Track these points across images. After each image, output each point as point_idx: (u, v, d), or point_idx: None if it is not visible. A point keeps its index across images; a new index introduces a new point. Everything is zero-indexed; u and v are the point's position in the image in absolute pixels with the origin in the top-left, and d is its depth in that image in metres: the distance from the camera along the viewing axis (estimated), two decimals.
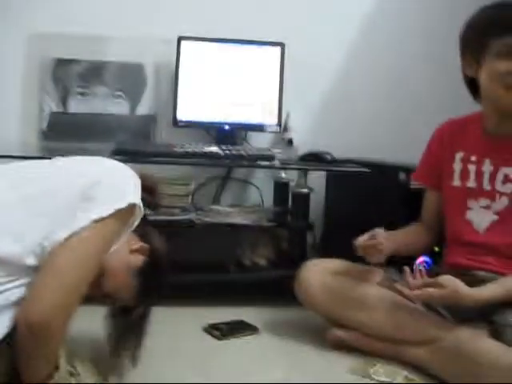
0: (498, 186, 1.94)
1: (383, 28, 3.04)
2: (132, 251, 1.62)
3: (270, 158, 2.47)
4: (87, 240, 1.34)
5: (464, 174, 2.02)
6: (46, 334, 1.27)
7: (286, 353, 2.01)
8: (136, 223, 1.51)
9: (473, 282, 1.83)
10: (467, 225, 1.99)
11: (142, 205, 1.48)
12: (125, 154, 2.37)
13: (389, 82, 3.06)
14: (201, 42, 2.76)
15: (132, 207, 1.44)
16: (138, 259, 1.64)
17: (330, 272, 2.06)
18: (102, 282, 1.52)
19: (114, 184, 1.45)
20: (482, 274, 1.92)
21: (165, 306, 2.30)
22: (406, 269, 1.85)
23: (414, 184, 2.28)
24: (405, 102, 3.06)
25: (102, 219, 1.36)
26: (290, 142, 2.82)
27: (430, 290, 1.77)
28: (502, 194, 1.93)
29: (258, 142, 2.89)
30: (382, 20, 3.04)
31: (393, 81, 3.06)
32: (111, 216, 1.37)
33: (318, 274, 2.05)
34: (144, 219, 1.54)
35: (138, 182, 1.53)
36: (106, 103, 2.82)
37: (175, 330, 2.13)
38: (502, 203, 1.93)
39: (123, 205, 1.40)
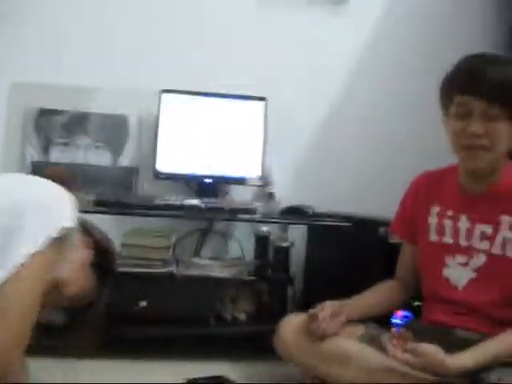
0: (476, 243, 1.87)
1: (366, 83, 3.09)
2: (78, 249, 1.58)
3: (251, 211, 2.47)
4: (28, 275, 1.32)
5: (440, 229, 1.96)
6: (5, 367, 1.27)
7: None
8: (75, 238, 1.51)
9: (454, 341, 1.81)
10: (445, 282, 1.93)
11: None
12: (106, 205, 2.36)
13: (371, 137, 3.09)
14: (183, 95, 2.79)
15: (68, 230, 1.42)
16: (88, 254, 1.62)
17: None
18: (63, 293, 1.52)
19: (45, 209, 1.42)
20: (462, 332, 1.86)
21: (144, 359, 2.28)
22: (392, 331, 1.78)
23: (393, 238, 2.27)
24: (386, 156, 3.09)
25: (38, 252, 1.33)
26: (272, 195, 2.83)
27: (409, 357, 1.68)
28: (479, 251, 1.86)
29: (240, 196, 2.90)
30: (365, 75, 3.09)
31: (375, 136, 3.10)
32: (46, 246, 1.34)
33: (296, 328, 1.98)
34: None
35: (73, 201, 1.50)
36: (88, 154, 2.82)
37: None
38: (479, 260, 1.86)
39: (57, 232, 1.37)
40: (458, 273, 1.90)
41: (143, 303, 2.37)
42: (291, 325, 2.01)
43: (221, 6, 2.98)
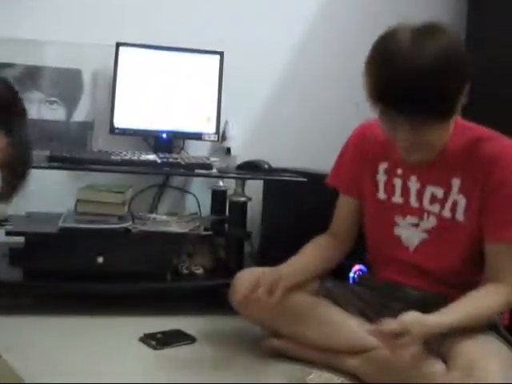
0: (426, 205, 1.84)
1: (322, 34, 3.08)
2: None
3: (208, 166, 2.46)
4: None
5: (389, 188, 1.91)
6: None
7: (223, 362, 2.01)
8: None
9: (408, 298, 1.85)
10: (396, 241, 1.91)
11: None
12: (60, 161, 2.34)
13: (326, 89, 3.10)
14: (140, 49, 2.75)
15: None
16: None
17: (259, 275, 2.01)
18: None
19: None
20: (414, 292, 1.88)
21: (102, 314, 2.29)
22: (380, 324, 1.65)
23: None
24: (342, 110, 3.10)
25: None
26: (228, 150, 2.83)
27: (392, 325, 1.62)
28: (429, 213, 1.84)
29: (196, 151, 2.89)
30: (321, 26, 3.08)
31: (330, 88, 3.10)
32: None
33: (251, 283, 1.95)
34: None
35: None
36: (42, 109, 2.77)
37: (111, 339, 2.11)
38: (430, 222, 1.84)
39: None
40: (408, 233, 1.88)
41: (99, 259, 2.36)
42: (245, 280, 2.01)
43: None
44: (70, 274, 2.32)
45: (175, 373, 1.89)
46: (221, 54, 2.79)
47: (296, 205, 2.62)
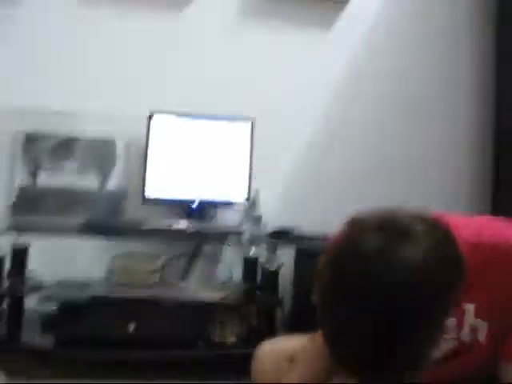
0: None
1: (352, 106, 3.12)
2: None
3: (239, 234, 2.47)
4: None
5: None
6: None
7: None
8: None
9: None
10: None
11: None
12: (94, 229, 2.37)
13: (355, 158, 3.11)
14: (171, 117, 2.80)
15: None
16: None
17: (285, 355, 1.93)
18: None
19: None
20: None
21: (134, 382, 2.27)
22: None
23: None
24: (372, 178, 3.11)
25: None
26: (259, 218, 2.84)
27: None
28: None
29: (227, 218, 2.90)
30: (352, 97, 3.12)
31: (359, 158, 3.12)
32: None
33: (273, 358, 1.92)
34: None
35: None
36: (76, 178, 2.82)
37: None
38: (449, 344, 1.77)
39: None
40: None
41: (131, 327, 2.36)
42: (267, 353, 1.94)
43: (210, 28, 3.01)
44: (101, 341, 2.31)
45: None
46: (252, 120, 2.84)
47: None
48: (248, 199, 2.81)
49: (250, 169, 2.82)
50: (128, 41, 2.94)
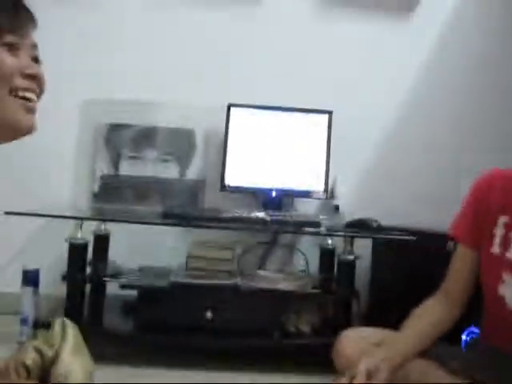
0: None
1: (432, 96, 3.06)
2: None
3: (316, 224, 2.47)
4: None
5: (505, 242, 1.76)
6: None
7: None
8: None
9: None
10: (499, 301, 1.74)
11: None
12: (173, 218, 2.41)
13: (437, 149, 3.06)
14: (250, 109, 2.83)
15: None
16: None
17: (367, 342, 1.93)
18: None
19: None
20: None
21: (207, 369, 2.31)
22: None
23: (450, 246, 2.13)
24: (454, 170, 3.05)
25: None
26: (337, 208, 2.83)
27: None
28: None
29: (305, 208, 2.91)
30: (431, 87, 3.06)
31: (441, 149, 3.06)
32: None
33: (355, 343, 1.86)
34: None
35: None
36: (156, 167, 2.88)
37: None
38: None
39: None
40: None
41: (208, 314, 2.39)
42: (352, 338, 1.95)
43: (286, 20, 3.01)
44: (179, 327, 2.36)
45: None
46: (329, 112, 2.83)
47: (406, 264, 2.57)
48: (326, 190, 2.81)
49: (328, 160, 2.81)
50: (206, 32, 2.97)
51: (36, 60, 1.19)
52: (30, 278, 2.57)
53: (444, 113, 3.07)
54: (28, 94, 1.16)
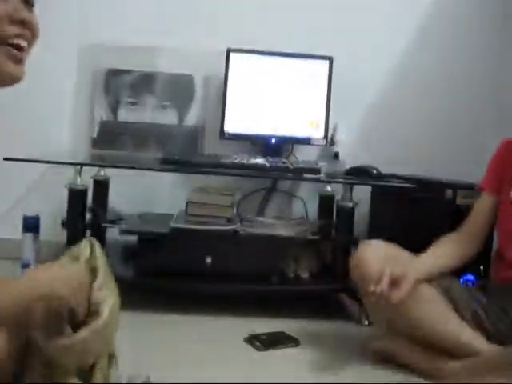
0: None
1: (432, 44, 3.02)
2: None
3: (316, 171, 2.46)
4: None
5: None
6: None
7: (326, 366, 2.00)
8: None
9: None
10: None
11: None
12: (172, 164, 2.40)
13: (437, 97, 3.04)
14: (250, 55, 2.79)
15: None
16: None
17: (387, 251, 2.00)
18: None
19: None
20: None
21: (208, 314, 2.34)
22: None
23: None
24: (453, 118, 3.03)
25: None
26: (337, 155, 2.82)
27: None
28: None
29: (305, 155, 2.90)
30: (432, 36, 3.02)
31: (441, 96, 3.04)
32: None
33: (377, 251, 1.98)
34: None
35: None
36: (155, 113, 2.87)
37: (216, 338, 2.15)
38: None
39: None
40: None
41: (208, 259, 2.41)
42: (375, 248, 2.01)
43: None
44: (179, 272, 2.38)
45: (278, 374, 1.91)
46: (330, 58, 2.80)
47: (404, 211, 2.58)
48: (326, 137, 2.80)
49: (328, 106, 2.79)
50: None
51: (27, 2, 1.11)
52: (31, 225, 2.59)
53: (447, 55, 3.03)
54: (18, 41, 1.09)
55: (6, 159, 2.17)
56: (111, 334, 1.32)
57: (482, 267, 2.21)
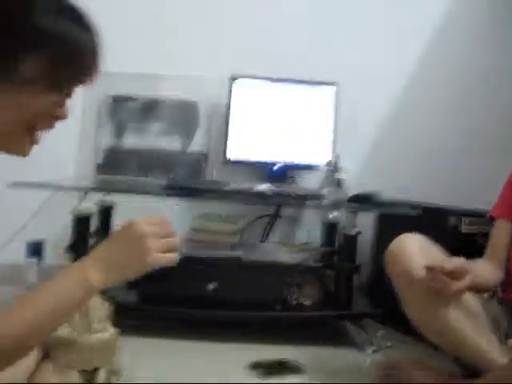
0: None
1: (437, 70, 3.04)
2: None
3: (320, 197, 2.47)
4: None
5: None
6: None
7: None
8: None
9: None
10: None
11: None
12: (176, 190, 2.41)
13: (442, 125, 3.05)
14: (254, 80, 2.81)
15: None
16: None
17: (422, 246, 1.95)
18: None
19: None
20: None
21: (210, 340, 2.33)
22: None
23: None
24: (457, 147, 3.04)
25: None
26: (340, 182, 2.82)
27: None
28: None
29: (308, 182, 2.90)
30: (436, 63, 3.04)
31: (447, 125, 3.05)
32: None
33: (417, 242, 1.94)
34: None
35: None
36: (160, 139, 2.88)
37: (219, 366, 2.14)
38: None
39: None
40: None
41: (211, 286, 2.41)
42: (415, 240, 1.96)
43: None
44: (182, 299, 2.37)
45: None
46: (335, 84, 2.81)
47: None
48: (330, 163, 2.80)
49: (335, 132, 2.80)
50: (209, 3, 2.95)
51: (68, 94, 1.17)
52: (34, 250, 2.60)
53: (450, 88, 3.05)
54: (44, 132, 1.15)
55: (12, 184, 2.18)
56: (114, 348, 1.42)
57: None
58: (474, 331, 1.84)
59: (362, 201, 2.56)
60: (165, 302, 2.37)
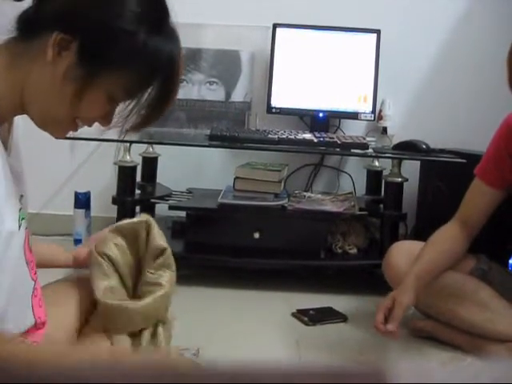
0: None
1: (481, 17, 2.94)
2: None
3: (364, 146, 2.45)
4: None
5: None
6: None
7: (374, 342, 2.00)
8: None
9: None
10: None
11: None
12: (220, 140, 2.42)
13: (487, 71, 2.97)
14: (296, 29, 2.77)
15: None
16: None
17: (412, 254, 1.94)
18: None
19: None
20: None
21: (255, 289, 2.36)
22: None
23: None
24: (504, 92, 2.96)
25: None
26: (385, 130, 2.80)
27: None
28: None
29: (352, 130, 2.88)
30: (481, 9, 2.94)
31: (491, 71, 2.97)
32: None
33: (408, 254, 1.94)
34: None
35: None
36: (202, 90, 2.87)
37: (264, 313, 2.17)
38: None
39: None
40: None
41: (256, 235, 2.43)
42: (402, 250, 2.00)
43: None
44: (228, 248, 2.40)
45: (324, 349, 1.92)
46: (378, 32, 2.75)
47: (454, 187, 2.54)
48: (373, 111, 2.77)
49: (376, 80, 2.76)
50: None
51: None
52: (82, 201, 2.64)
53: (497, 28, 2.95)
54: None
55: (58, 137, 2.20)
56: (167, 304, 1.46)
57: None
58: (475, 309, 1.88)
59: (407, 149, 2.53)
60: (210, 251, 2.40)
